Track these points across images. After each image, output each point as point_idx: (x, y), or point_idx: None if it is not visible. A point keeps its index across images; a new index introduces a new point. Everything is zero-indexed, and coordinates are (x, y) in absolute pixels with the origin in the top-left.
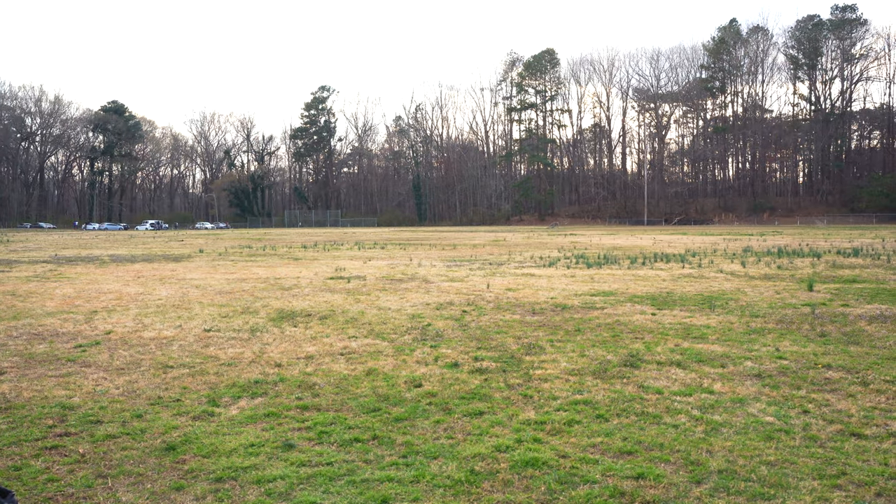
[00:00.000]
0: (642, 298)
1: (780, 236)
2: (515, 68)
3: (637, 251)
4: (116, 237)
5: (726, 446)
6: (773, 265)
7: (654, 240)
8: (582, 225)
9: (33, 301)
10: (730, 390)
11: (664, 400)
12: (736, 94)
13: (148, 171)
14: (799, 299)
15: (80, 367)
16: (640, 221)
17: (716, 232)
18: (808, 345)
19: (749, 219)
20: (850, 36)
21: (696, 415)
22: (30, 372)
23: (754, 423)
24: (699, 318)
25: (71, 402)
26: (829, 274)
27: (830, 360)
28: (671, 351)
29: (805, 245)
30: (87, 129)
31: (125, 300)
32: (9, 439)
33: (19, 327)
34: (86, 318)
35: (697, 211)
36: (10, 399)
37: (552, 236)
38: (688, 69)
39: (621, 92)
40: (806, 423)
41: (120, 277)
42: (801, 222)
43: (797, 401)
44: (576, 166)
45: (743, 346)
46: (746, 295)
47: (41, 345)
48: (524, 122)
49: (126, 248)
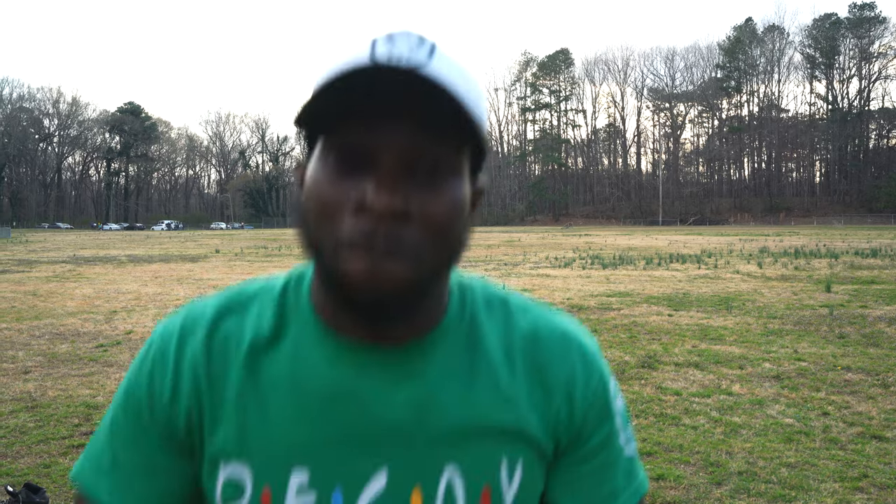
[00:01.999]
0: (658, 299)
1: (796, 237)
2: (529, 68)
3: (652, 251)
4: (133, 237)
5: (746, 448)
6: (789, 266)
7: (670, 240)
8: (596, 225)
9: (54, 301)
10: (748, 392)
11: (683, 401)
12: (752, 93)
13: (163, 172)
14: (817, 300)
15: (103, 367)
16: (654, 222)
17: (731, 232)
18: (827, 346)
19: (765, 219)
20: (868, 34)
21: (715, 416)
22: (54, 371)
23: (774, 424)
24: (716, 319)
25: (95, 401)
26: (846, 275)
27: (850, 362)
28: (689, 352)
29: (822, 246)
30: (103, 130)
31: (144, 300)
32: (36, 437)
33: (41, 327)
34: (106, 318)
35: (713, 211)
36: (35, 398)
37: (567, 236)
38: (703, 68)
39: (636, 91)
40: (826, 426)
41: (138, 278)
42: (817, 223)
43: (817, 403)
44: (590, 166)
45: (761, 347)
46: (763, 296)
47: (63, 344)
48: (538, 122)
49: (143, 249)
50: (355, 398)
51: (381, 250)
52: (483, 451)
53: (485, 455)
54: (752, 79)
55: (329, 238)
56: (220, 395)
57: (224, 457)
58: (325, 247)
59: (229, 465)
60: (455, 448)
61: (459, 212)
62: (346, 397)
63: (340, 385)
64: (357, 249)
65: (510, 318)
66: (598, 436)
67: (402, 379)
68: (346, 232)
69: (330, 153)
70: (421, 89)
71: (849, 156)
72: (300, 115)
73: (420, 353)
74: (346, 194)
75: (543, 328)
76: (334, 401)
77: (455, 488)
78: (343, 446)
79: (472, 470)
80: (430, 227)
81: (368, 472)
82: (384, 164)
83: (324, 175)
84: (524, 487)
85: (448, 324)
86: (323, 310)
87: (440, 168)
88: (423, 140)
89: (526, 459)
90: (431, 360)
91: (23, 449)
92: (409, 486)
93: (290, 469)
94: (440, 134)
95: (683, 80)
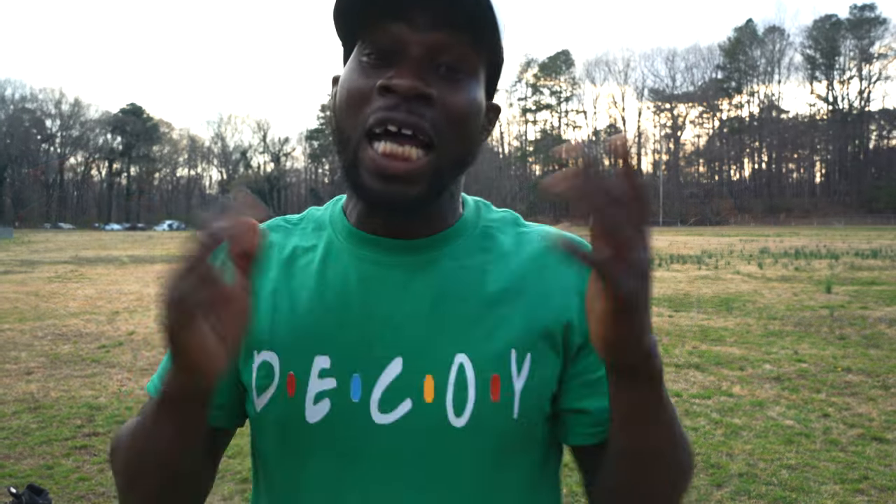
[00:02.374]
0: (659, 300)
1: (796, 237)
2: (530, 69)
3: (653, 252)
4: (135, 238)
5: (746, 449)
6: (790, 267)
7: (670, 241)
8: None
9: (56, 301)
10: (749, 393)
11: (683, 403)
12: (752, 94)
13: (165, 173)
14: (817, 301)
15: (105, 368)
16: (655, 222)
17: (732, 233)
18: (828, 348)
19: (765, 220)
20: (868, 35)
21: (716, 418)
22: (56, 372)
23: (774, 426)
24: (717, 320)
25: (97, 402)
26: (847, 276)
27: (850, 364)
28: (689, 353)
29: (822, 246)
30: (105, 131)
31: (146, 301)
32: (39, 438)
33: (44, 327)
34: (108, 319)
35: (713, 212)
36: (38, 399)
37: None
38: (704, 69)
39: (636, 92)
40: (826, 427)
41: (140, 278)
42: (818, 223)
43: (817, 404)
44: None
45: (761, 348)
46: (764, 297)
47: (66, 345)
48: (539, 123)
49: (145, 249)
50: (374, 286)
51: (404, 125)
52: (493, 342)
53: (494, 347)
54: (753, 80)
55: (357, 126)
56: (259, 291)
57: (257, 346)
58: (353, 137)
59: (261, 354)
60: (466, 338)
61: (476, 109)
62: (366, 285)
63: (361, 274)
64: (382, 130)
65: (520, 227)
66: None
67: (418, 269)
68: (373, 113)
69: (361, 51)
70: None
71: (849, 156)
72: (336, 8)
73: (436, 247)
74: (375, 81)
75: (553, 235)
76: (356, 289)
77: (466, 376)
78: (362, 334)
79: (482, 360)
80: (450, 115)
81: (385, 360)
82: (410, 55)
83: (356, 69)
84: (532, 378)
85: (463, 225)
86: (351, 214)
87: (461, 67)
88: (446, 38)
89: (535, 353)
90: (446, 252)
91: (26, 450)
92: (423, 373)
93: (312, 357)
94: (462, 32)
95: (684, 81)
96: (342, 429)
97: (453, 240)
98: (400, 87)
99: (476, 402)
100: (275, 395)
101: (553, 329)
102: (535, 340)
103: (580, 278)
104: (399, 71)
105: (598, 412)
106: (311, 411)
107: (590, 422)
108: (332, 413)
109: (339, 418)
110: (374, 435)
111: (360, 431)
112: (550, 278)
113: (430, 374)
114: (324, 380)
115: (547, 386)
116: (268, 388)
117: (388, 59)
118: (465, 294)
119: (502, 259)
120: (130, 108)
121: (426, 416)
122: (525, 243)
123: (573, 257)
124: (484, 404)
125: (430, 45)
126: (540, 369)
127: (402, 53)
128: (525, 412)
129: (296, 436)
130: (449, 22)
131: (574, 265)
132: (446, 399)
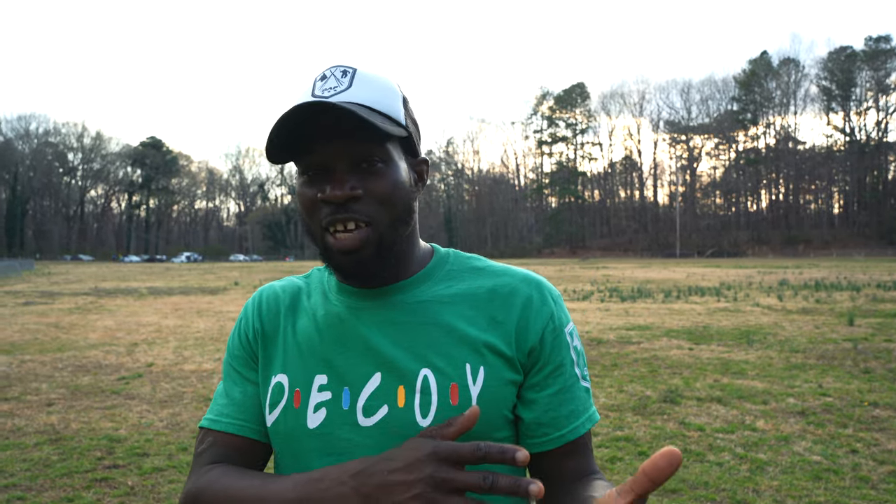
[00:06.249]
0: (678, 332)
1: (816, 269)
2: (546, 101)
3: (671, 284)
4: (153, 269)
5: (773, 486)
6: (810, 299)
7: (688, 273)
8: (613, 258)
9: (76, 333)
10: (773, 428)
11: (707, 437)
12: (768, 125)
13: (184, 205)
14: (839, 334)
15: (125, 400)
16: (672, 254)
17: (750, 265)
18: (852, 381)
19: (784, 251)
20: (884, 66)
21: (741, 452)
22: (76, 403)
23: (801, 461)
24: (737, 353)
25: (118, 434)
26: (869, 308)
27: (877, 398)
28: (710, 387)
29: (843, 278)
30: (126, 164)
31: (164, 332)
32: (60, 471)
33: (64, 359)
34: (127, 350)
35: (730, 243)
36: (59, 430)
37: (584, 269)
38: (719, 101)
39: (652, 124)
40: (855, 464)
41: (158, 310)
42: (837, 255)
43: (844, 439)
44: (606, 199)
45: (784, 382)
46: (785, 329)
47: (86, 377)
48: (555, 155)
49: (163, 281)
50: (356, 321)
51: (345, 221)
52: (451, 358)
53: (452, 361)
54: (769, 111)
55: (315, 225)
56: (273, 334)
57: (273, 372)
58: (315, 232)
59: (276, 377)
60: (429, 356)
61: (400, 184)
62: (351, 321)
63: (347, 314)
64: (331, 229)
65: (480, 267)
66: (554, 361)
67: (389, 307)
68: (324, 217)
69: (302, 172)
70: (341, 113)
71: (867, 187)
72: (267, 155)
73: (404, 290)
74: (316, 195)
75: (503, 286)
76: (343, 324)
77: (430, 385)
78: (349, 357)
79: (442, 373)
80: (379, 199)
81: (367, 376)
82: (336, 169)
83: (304, 183)
84: (487, 387)
85: (430, 269)
86: (334, 273)
87: (375, 160)
88: (356, 146)
89: (488, 366)
90: (413, 292)
91: (47, 482)
92: (396, 385)
93: (313, 376)
94: (366, 138)
95: (699, 113)
96: (335, 430)
97: (422, 282)
98: (334, 199)
99: (438, 405)
100: (285, 407)
101: (505, 347)
102: (487, 355)
103: (525, 306)
104: (332, 185)
105: (531, 423)
106: (312, 419)
107: (527, 432)
108: (327, 419)
109: (333, 422)
110: (359, 434)
111: (349, 432)
112: (500, 306)
113: (402, 385)
114: (322, 393)
115: (503, 394)
116: (279, 403)
117: (322, 173)
118: (427, 322)
119: (463, 294)
120: (150, 142)
121: (399, 418)
122: (481, 279)
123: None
124: (445, 407)
125: (346, 157)
126: (494, 381)
127: (330, 168)
128: (482, 415)
129: (299, 440)
130: (350, 135)
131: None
132: (414, 404)
